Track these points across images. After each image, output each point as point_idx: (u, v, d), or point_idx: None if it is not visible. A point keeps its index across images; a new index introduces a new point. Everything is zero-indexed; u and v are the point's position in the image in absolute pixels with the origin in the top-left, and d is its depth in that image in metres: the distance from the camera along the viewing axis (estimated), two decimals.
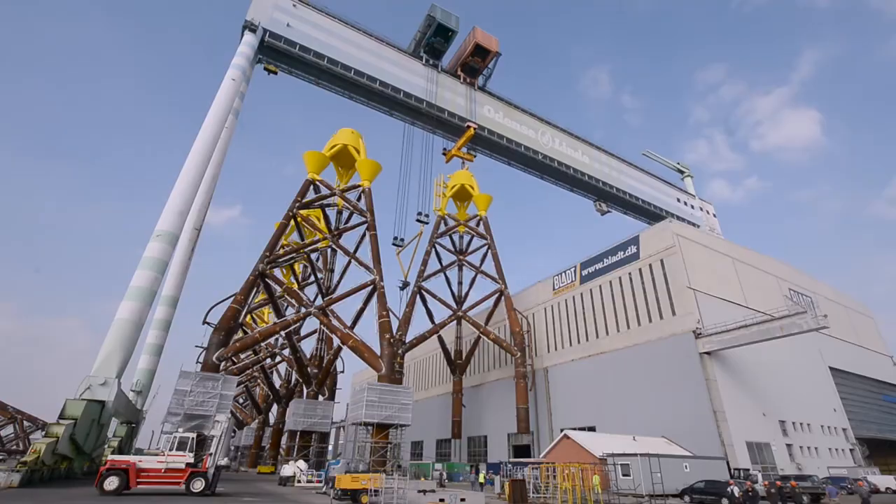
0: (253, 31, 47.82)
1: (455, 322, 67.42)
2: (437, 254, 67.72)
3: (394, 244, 60.62)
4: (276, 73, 51.98)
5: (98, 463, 36.94)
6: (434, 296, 63.36)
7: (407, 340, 55.50)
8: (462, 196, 72.74)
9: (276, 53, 50.67)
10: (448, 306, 64.65)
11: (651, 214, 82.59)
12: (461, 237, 72.25)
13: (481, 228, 68.78)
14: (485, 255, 67.82)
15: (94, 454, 34.52)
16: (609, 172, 76.09)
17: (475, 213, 70.92)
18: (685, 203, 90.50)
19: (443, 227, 68.25)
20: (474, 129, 59.15)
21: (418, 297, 60.90)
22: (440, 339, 67.36)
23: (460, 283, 69.52)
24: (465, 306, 65.97)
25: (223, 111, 43.01)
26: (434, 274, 64.66)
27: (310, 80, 53.70)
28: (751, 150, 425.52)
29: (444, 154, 62.67)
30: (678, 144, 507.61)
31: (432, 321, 64.05)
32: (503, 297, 61.88)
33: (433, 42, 59.41)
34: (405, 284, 60.52)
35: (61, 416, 27.82)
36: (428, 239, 65.25)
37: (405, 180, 61.55)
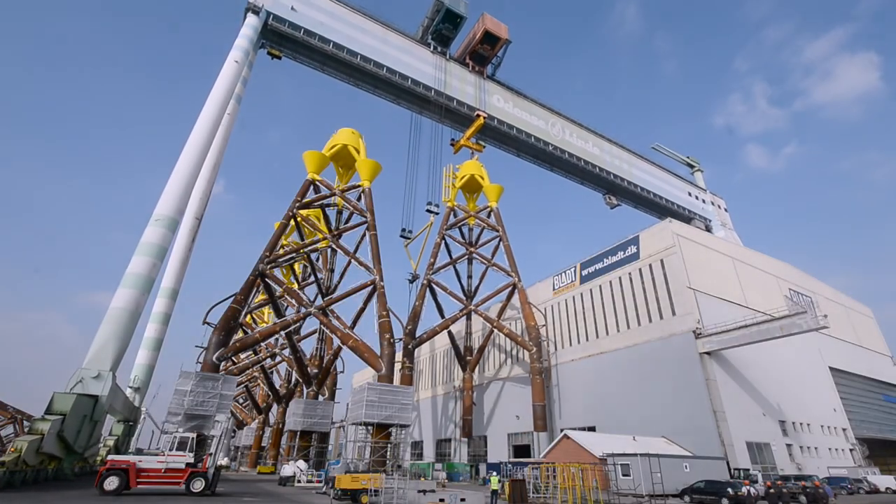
0: (256, 13, 47.16)
1: (465, 317, 65.02)
2: (447, 246, 65.33)
3: (402, 236, 59.84)
4: (279, 57, 51.42)
5: (91, 463, 35.66)
6: (445, 289, 61.03)
7: (417, 335, 54.15)
8: (472, 187, 70.01)
9: (280, 37, 49.99)
10: (459, 300, 62.02)
11: (661, 208, 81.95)
12: (470, 229, 69.83)
13: (492, 220, 66.17)
14: (496, 248, 65.14)
15: (87, 454, 32.37)
16: (620, 165, 75.58)
17: (485, 204, 68.47)
18: (696, 197, 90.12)
19: (452, 219, 65.81)
20: (484, 117, 58.10)
21: (428, 290, 58.65)
22: (450, 335, 65.24)
23: (470, 276, 67.46)
24: (475, 300, 63.61)
25: (225, 93, 42.29)
26: (444, 266, 62.46)
27: (314, 65, 53.08)
28: (794, 108, 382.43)
29: (452, 144, 61.74)
30: (714, 101, 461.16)
31: (442, 315, 61.84)
32: (516, 291, 59.15)
33: (441, 29, 58.63)
34: (414, 277, 59.29)
35: (48, 411, 25.50)
36: (437, 231, 63.43)
37: (413, 171, 61.33)
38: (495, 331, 61.44)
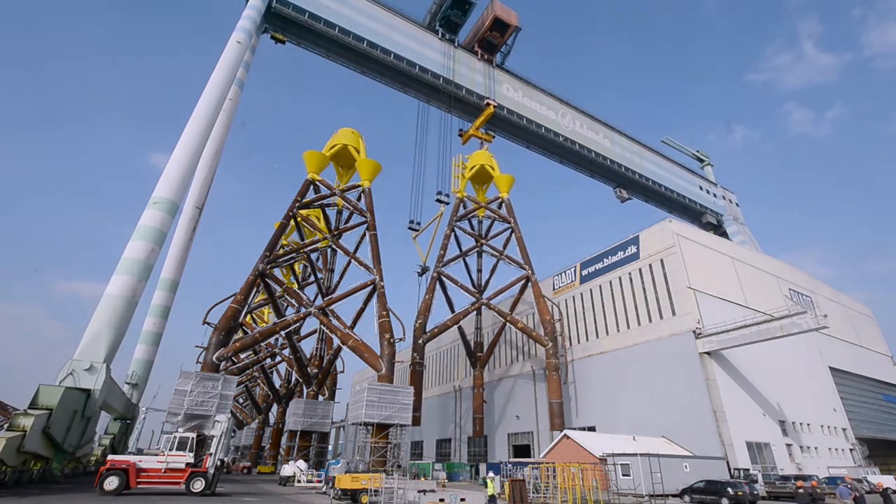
0: None
1: (475, 312, 62.42)
2: (457, 238, 62.93)
3: (410, 228, 58.69)
4: (283, 42, 50.55)
5: (84, 463, 34.33)
6: (455, 282, 58.33)
7: (427, 330, 52.06)
8: (481, 178, 66.65)
9: (284, 21, 49.12)
10: (471, 293, 59.33)
11: (673, 202, 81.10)
12: (480, 222, 67.01)
13: (503, 211, 63.16)
14: (508, 240, 62.01)
15: (80, 453, 29.89)
16: (630, 157, 74.87)
17: (496, 195, 65.32)
18: (707, 191, 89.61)
19: (462, 210, 63.10)
20: (494, 106, 56.97)
21: (438, 284, 56.20)
22: (460, 330, 62.79)
23: (479, 270, 65.12)
24: (486, 294, 60.65)
25: (228, 74, 41.40)
26: (454, 259, 59.99)
27: (319, 51, 52.23)
28: (845, 58, 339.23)
29: (460, 135, 60.31)
30: (761, 45, 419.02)
31: (452, 310, 59.35)
32: (530, 284, 56.23)
33: (450, 15, 57.68)
34: (424, 270, 57.82)
35: (32, 405, 22.82)
36: (447, 222, 61.27)
37: (420, 162, 60.72)
38: (506, 326, 59.32)
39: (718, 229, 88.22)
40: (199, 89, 40.25)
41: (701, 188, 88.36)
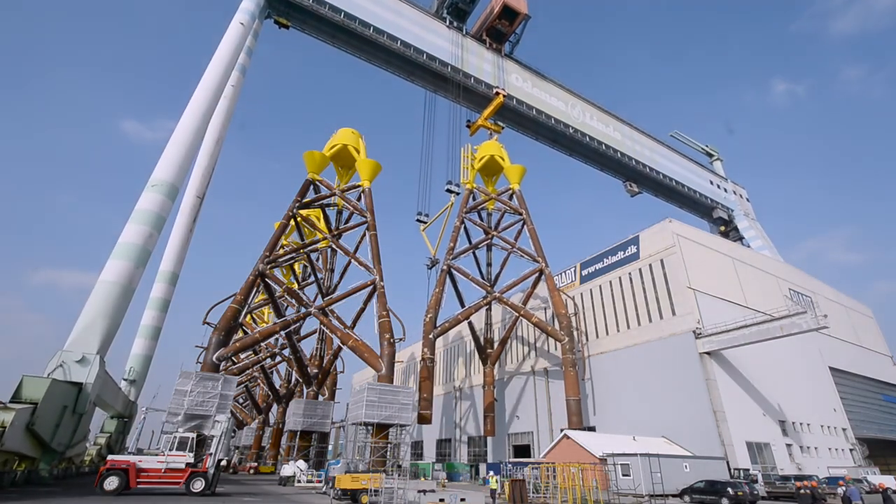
0: None
1: (485, 308, 60.58)
2: (467, 231, 61.11)
3: (418, 220, 57.52)
4: (287, 26, 49.82)
5: (77, 464, 32.92)
6: (467, 275, 56.20)
7: (437, 324, 50.19)
8: (491, 169, 64.54)
9: (288, 5, 48.39)
10: (483, 287, 57.03)
11: (683, 197, 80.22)
12: (490, 214, 65.17)
13: (514, 202, 61.08)
14: (519, 232, 60.04)
15: (71, 453, 27.90)
16: (641, 151, 74.04)
17: (506, 186, 63.63)
18: (718, 186, 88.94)
19: (472, 202, 60.97)
20: (503, 95, 55.87)
21: (448, 277, 54.22)
22: (470, 326, 61.29)
23: (489, 264, 63.78)
24: (498, 288, 58.55)
25: (230, 57, 40.41)
26: (464, 252, 58.01)
27: (323, 38, 51.48)
28: None
29: (468, 126, 59.04)
30: None
31: (462, 304, 57.82)
32: (543, 277, 54.22)
33: (457, 2, 56.89)
34: (433, 263, 56.53)
35: (14, 399, 20.57)
36: (456, 214, 59.60)
37: (428, 153, 59.44)
38: (517, 322, 58.18)
39: (729, 225, 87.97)
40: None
41: (711, 183, 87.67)
